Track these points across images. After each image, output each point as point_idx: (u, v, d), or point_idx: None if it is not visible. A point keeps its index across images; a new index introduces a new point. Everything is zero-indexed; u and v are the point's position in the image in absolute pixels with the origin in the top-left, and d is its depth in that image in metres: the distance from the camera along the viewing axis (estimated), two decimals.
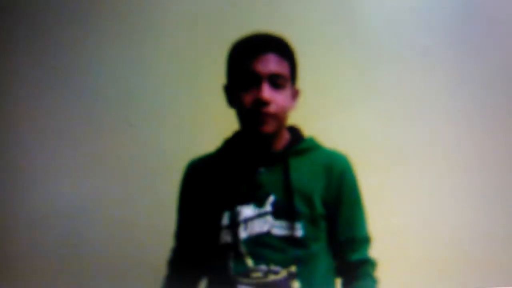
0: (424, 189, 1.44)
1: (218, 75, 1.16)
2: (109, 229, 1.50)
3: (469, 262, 1.40)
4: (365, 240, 1.03)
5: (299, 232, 0.96)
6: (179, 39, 1.49)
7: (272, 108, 0.95)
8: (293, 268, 0.96)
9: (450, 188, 1.43)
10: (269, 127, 0.96)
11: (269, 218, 0.97)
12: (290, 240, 0.96)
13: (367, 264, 1.01)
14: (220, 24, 1.46)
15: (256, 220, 0.98)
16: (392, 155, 1.44)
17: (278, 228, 0.97)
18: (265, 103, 0.94)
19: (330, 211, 1.00)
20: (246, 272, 0.97)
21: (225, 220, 1.00)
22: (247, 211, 0.99)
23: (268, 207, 0.98)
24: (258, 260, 0.96)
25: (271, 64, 0.96)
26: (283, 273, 0.96)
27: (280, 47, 0.99)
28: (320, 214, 0.99)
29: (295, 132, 1.07)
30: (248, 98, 0.96)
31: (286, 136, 1.05)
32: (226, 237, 0.99)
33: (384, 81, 1.46)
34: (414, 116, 1.45)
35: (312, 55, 1.43)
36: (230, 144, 1.09)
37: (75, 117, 1.50)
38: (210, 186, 1.05)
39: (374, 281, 1.01)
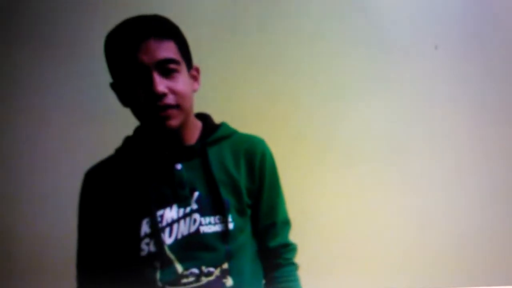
0: (431, 183, 1.47)
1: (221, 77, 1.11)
2: None
3: (465, 260, 1.48)
4: (286, 224, 1.02)
5: (230, 225, 0.91)
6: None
7: (170, 99, 0.84)
8: (225, 265, 0.90)
9: (458, 184, 1.49)
10: (174, 121, 0.85)
11: (197, 216, 0.89)
12: (221, 235, 0.90)
13: (288, 249, 1.00)
14: (222, 23, 1.34)
15: (182, 221, 0.88)
16: (398, 149, 1.46)
17: (207, 226, 0.89)
18: (161, 95, 0.82)
19: (254, 198, 0.96)
20: (176, 280, 0.87)
21: (145, 228, 0.87)
22: (170, 213, 0.88)
23: (193, 205, 0.89)
24: (188, 264, 0.88)
25: (155, 51, 0.83)
26: (216, 273, 0.89)
27: (160, 29, 0.86)
28: (246, 202, 0.94)
29: (206, 119, 0.99)
30: (140, 94, 0.84)
31: (197, 125, 0.96)
32: (148, 247, 0.87)
33: (392, 77, 1.46)
34: (420, 111, 1.47)
35: (320, 50, 1.43)
36: (131, 142, 0.95)
37: (83, 113, 1.41)
38: (120, 194, 0.90)
39: (294, 265, 1.01)
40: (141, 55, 0.81)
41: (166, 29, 0.87)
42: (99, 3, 1.41)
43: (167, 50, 0.84)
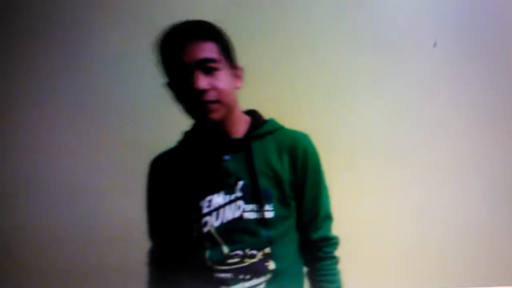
0: (432, 183, 1.48)
1: None
2: (114, 222, 1.50)
3: (462, 260, 1.47)
4: (328, 218, 1.06)
5: (270, 213, 0.98)
6: None
7: (211, 95, 0.93)
8: (267, 250, 0.98)
9: (456, 184, 1.48)
10: (215, 114, 0.94)
11: (241, 203, 0.98)
12: (262, 222, 0.98)
13: (329, 242, 1.05)
14: (223, 21, 1.41)
15: (227, 207, 0.98)
16: (399, 149, 1.48)
17: (249, 212, 0.98)
18: (202, 91, 0.92)
19: (297, 192, 1.02)
20: (223, 260, 0.97)
21: (196, 211, 0.99)
22: (217, 199, 0.99)
23: (238, 193, 0.98)
24: (233, 246, 0.97)
25: (197, 51, 0.92)
26: (259, 256, 0.97)
27: (200, 31, 0.95)
28: (289, 194, 1.01)
29: (255, 115, 1.07)
30: (187, 91, 0.94)
31: (246, 120, 1.05)
32: (198, 228, 0.99)
33: (392, 76, 1.48)
34: (421, 110, 1.48)
35: (319, 50, 1.47)
36: (190, 136, 1.08)
37: (83, 113, 1.49)
38: (178, 180, 1.03)
39: (335, 259, 1.05)
40: (185, 56, 0.92)
41: (207, 31, 0.96)
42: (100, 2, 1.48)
43: (208, 50, 0.93)
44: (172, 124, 1.42)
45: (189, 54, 0.92)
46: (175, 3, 1.48)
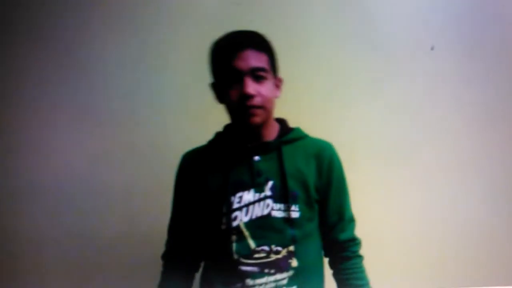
0: (433, 183, 1.50)
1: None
2: (113, 222, 1.50)
3: (462, 260, 1.48)
4: (352, 221, 1.14)
5: (296, 213, 1.05)
6: (189, 39, 1.50)
7: (257, 101, 1.01)
8: (291, 247, 1.04)
9: (457, 184, 1.50)
10: (257, 118, 1.03)
11: (269, 202, 1.04)
12: (288, 221, 1.04)
13: (355, 243, 1.12)
14: (224, 21, 1.38)
15: (256, 204, 1.05)
16: (396, 150, 1.50)
17: (277, 211, 1.04)
18: (250, 96, 1.00)
19: (321, 195, 1.10)
20: (249, 254, 1.03)
21: (227, 205, 1.05)
22: (248, 196, 1.05)
23: (267, 192, 1.05)
24: (260, 241, 1.03)
25: (250, 59, 1.01)
26: (283, 252, 1.03)
27: (256, 42, 1.05)
28: (314, 197, 1.08)
29: (283, 123, 1.16)
30: (234, 94, 1.02)
31: (276, 127, 1.13)
32: (228, 222, 1.05)
33: (390, 78, 1.51)
34: (418, 112, 1.50)
35: (319, 52, 1.50)
36: (221, 136, 1.15)
37: (82, 113, 1.50)
38: (208, 176, 1.10)
39: (360, 258, 1.12)
40: (238, 62, 1.01)
41: (262, 43, 1.06)
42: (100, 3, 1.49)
43: (260, 60, 1.03)
44: (171, 123, 1.50)
45: (242, 60, 1.01)
46: (176, 3, 1.51)
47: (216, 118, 1.13)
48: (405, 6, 1.54)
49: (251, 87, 1.00)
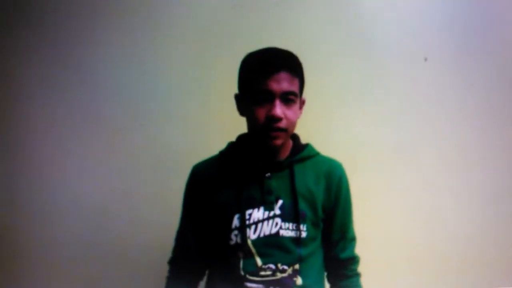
0: (426, 188, 1.49)
1: (226, 80, 1.17)
2: (113, 229, 1.49)
3: (466, 263, 1.48)
4: (353, 240, 1.16)
5: (303, 233, 1.06)
6: (191, 42, 1.48)
7: (283, 124, 1.01)
8: (296, 266, 1.05)
9: (463, 185, 1.49)
10: (279, 141, 1.03)
11: (278, 220, 1.05)
12: (295, 240, 1.05)
13: (354, 261, 1.14)
14: (229, 28, 1.39)
15: (265, 222, 1.05)
16: (399, 153, 1.49)
17: (285, 230, 1.05)
18: (278, 119, 0.99)
19: (327, 215, 1.11)
20: (255, 271, 1.04)
21: (235, 222, 1.06)
22: (257, 214, 1.05)
23: (277, 211, 1.06)
24: (266, 259, 1.04)
25: (284, 82, 1.00)
26: (289, 271, 1.05)
27: (291, 65, 1.03)
28: (320, 216, 1.09)
29: (296, 139, 1.15)
30: (261, 113, 1.00)
31: (289, 144, 1.13)
32: (236, 238, 1.05)
33: (386, 84, 1.50)
34: (413, 117, 1.50)
35: (313, 58, 1.41)
36: (234, 148, 1.14)
37: (87, 116, 1.49)
38: (218, 190, 1.09)
39: (358, 275, 1.15)
40: (271, 83, 0.99)
41: (296, 67, 1.05)
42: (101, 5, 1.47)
43: (293, 84, 1.01)
44: (175, 126, 1.48)
45: (276, 83, 0.99)
46: (177, 4, 1.49)
47: (219, 123, 1.11)
48: (407, 12, 1.52)
49: (280, 109, 0.99)
